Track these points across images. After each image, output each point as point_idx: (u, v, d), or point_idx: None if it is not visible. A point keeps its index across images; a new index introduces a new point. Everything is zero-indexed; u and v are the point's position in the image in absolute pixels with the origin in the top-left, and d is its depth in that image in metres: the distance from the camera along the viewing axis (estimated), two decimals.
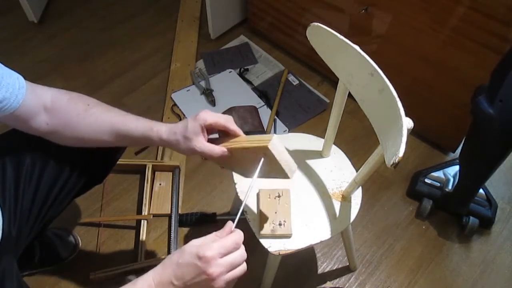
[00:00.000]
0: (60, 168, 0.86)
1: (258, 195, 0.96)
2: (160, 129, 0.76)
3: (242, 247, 0.63)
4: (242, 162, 0.81)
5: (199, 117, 0.74)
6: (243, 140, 0.77)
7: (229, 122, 0.76)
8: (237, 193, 0.99)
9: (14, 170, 0.81)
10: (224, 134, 0.79)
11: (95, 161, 0.92)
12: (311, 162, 1.04)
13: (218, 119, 0.74)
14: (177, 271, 0.59)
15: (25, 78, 0.73)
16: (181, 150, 0.76)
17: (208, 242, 0.60)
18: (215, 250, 0.58)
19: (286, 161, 0.75)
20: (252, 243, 1.30)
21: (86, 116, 0.76)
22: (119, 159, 1.48)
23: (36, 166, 0.83)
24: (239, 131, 0.77)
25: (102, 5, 2.14)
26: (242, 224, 1.32)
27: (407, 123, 0.66)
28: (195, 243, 0.61)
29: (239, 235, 0.63)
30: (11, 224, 0.79)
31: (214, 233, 0.63)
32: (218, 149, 0.76)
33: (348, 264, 1.28)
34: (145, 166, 1.43)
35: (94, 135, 0.78)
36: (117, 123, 0.77)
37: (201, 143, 0.74)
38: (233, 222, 0.66)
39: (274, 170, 0.77)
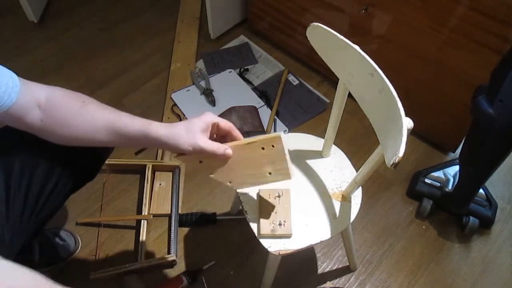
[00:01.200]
0: (50, 167, 0.84)
1: (258, 195, 0.96)
2: (158, 124, 0.76)
3: None
4: (235, 166, 0.82)
5: (205, 116, 0.76)
6: (247, 140, 0.80)
7: (233, 127, 0.79)
8: (237, 193, 0.99)
9: (3, 174, 0.79)
10: (221, 139, 0.81)
11: (86, 157, 0.90)
12: (311, 162, 1.04)
13: (225, 121, 0.78)
14: None
15: (22, 76, 0.72)
16: (177, 146, 0.75)
17: None
18: None
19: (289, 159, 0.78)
20: (252, 243, 1.31)
21: (82, 113, 0.75)
22: (120, 159, 1.49)
23: (26, 167, 0.81)
24: (241, 136, 0.80)
25: (102, 5, 2.14)
26: (242, 224, 1.33)
27: (407, 123, 0.66)
28: None
29: None
30: (4, 229, 0.77)
31: None
32: (223, 148, 0.77)
33: (348, 264, 1.28)
34: (145, 166, 1.43)
35: (89, 133, 0.76)
36: (113, 120, 0.76)
37: (205, 140, 0.75)
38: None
39: (275, 168, 0.79)
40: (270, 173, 0.81)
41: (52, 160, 0.84)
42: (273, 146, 0.78)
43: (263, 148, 0.79)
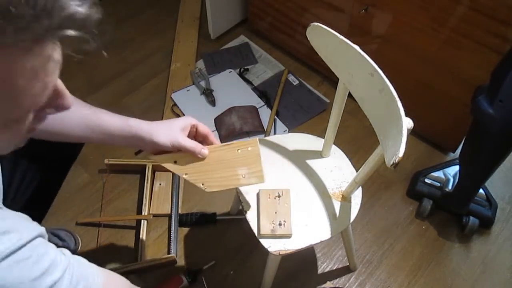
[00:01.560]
0: (14, 159, 0.83)
1: (258, 195, 0.96)
2: (138, 120, 0.77)
3: None
4: (210, 168, 0.84)
5: (185, 117, 0.81)
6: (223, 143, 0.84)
7: (210, 132, 0.84)
8: (237, 193, 0.99)
9: None
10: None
11: (52, 152, 0.89)
12: (311, 162, 1.04)
13: (204, 126, 0.83)
14: None
15: None
16: (157, 141, 0.77)
17: None
18: None
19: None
20: (252, 243, 1.31)
21: None
22: (120, 159, 1.48)
23: None
24: (217, 142, 0.85)
25: (101, 5, 2.13)
26: (242, 224, 1.33)
27: (407, 123, 0.66)
28: None
29: None
30: None
31: None
32: (200, 146, 0.81)
33: (348, 264, 1.28)
34: (145, 166, 1.43)
35: (66, 128, 0.75)
36: (91, 116, 0.76)
37: (184, 137, 0.79)
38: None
39: (249, 170, 0.82)
40: (244, 176, 0.83)
41: (16, 153, 0.83)
42: (249, 148, 0.82)
43: (238, 150, 0.82)
